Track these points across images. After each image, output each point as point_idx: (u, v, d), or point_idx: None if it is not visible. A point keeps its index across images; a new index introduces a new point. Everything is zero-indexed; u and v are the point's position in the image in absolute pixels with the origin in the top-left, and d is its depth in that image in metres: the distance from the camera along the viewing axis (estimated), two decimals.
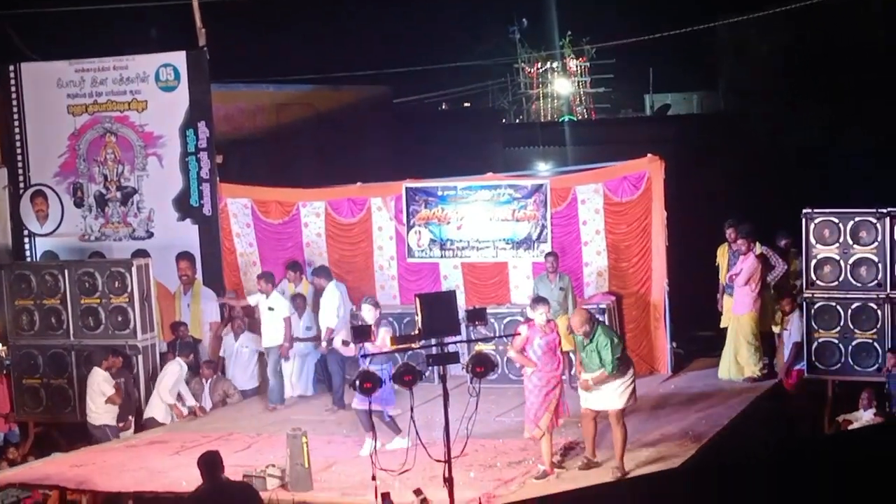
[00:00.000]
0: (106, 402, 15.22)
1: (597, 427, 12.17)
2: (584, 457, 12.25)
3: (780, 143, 21.43)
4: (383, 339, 12.88)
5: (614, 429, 11.96)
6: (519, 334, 12.12)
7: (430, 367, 12.85)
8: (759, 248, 15.43)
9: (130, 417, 15.50)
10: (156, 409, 15.55)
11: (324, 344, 15.57)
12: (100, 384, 15.20)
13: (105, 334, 16.01)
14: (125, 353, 15.68)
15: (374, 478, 10.75)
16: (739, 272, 15.35)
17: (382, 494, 10.23)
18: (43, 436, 16.30)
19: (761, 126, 20.40)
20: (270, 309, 15.92)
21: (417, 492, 10.84)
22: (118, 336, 15.94)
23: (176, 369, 15.58)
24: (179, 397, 15.69)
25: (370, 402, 11.91)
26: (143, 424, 15.48)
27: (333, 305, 15.55)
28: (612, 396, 11.93)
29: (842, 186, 17.84)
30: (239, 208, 17.94)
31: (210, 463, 9.78)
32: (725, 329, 15.65)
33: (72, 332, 16.17)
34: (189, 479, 12.10)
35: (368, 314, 13.54)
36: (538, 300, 12.31)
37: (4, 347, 16.86)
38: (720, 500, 6.48)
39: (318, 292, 16.07)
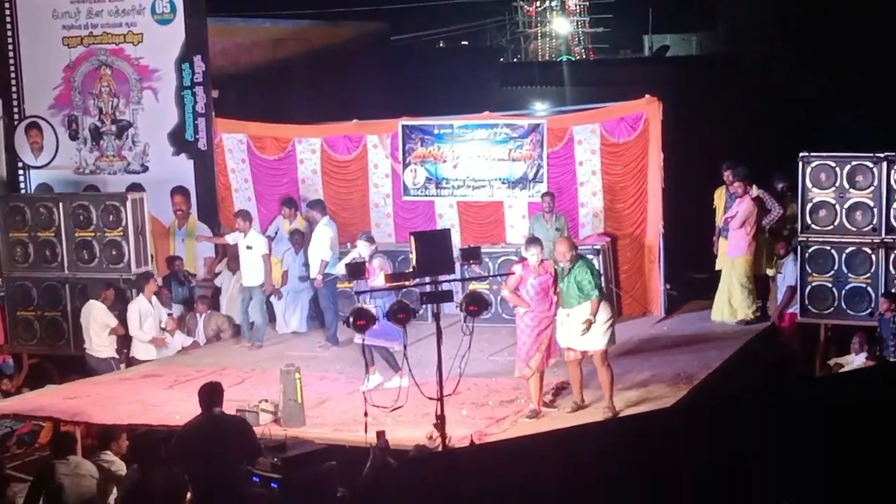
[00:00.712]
0: (110, 334, 15.24)
1: (582, 371, 12.17)
2: (572, 401, 12.24)
3: (779, 85, 21.31)
4: (380, 270, 12.88)
5: (600, 370, 11.97)
6: (513, 273, 12.10)
7: (423, 305, 12.86)
8: (755, 191, 15.40)
9: (124, 351, 15.52)
10: (134, 348, 15.49)
11: (319, 277, 15.54)
12: (102, 317, 15.20)
13: (99, 267, 16.00)
14: (118, 286, 15.66)
15: (365, 414, 10.79)
16: (735, 215, 15.32)
17: (378, 433, 10.26)
18: (37, 367, 16.33)
19: (760, 68, 20.30)
20: (248, 248, 15.81)
21: (430, 436, 10.88)
22: (112, 269, 15.92)
23: (134, 307, 15.32)
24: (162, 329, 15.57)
25: (375, 339, 12.03)
26: (129, 361, 15.47)
27: (327, 238, 15.52)
28: (594, 337, 11.91)
29: (841, 130, 17.76)
30: (234, 143, 17.87)
31: (209, 394, 9.85)
32: (719, 272, 15.65)
33: (66, 264, 16.15)
34: (182, 412, 12.15)
35: (364, 249, 13.52)
36: (532, 240, 12.25)
37: None
38: (711, 440, 6.48)
39: (311, 226, 16.04)
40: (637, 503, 6.20)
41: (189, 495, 9.81)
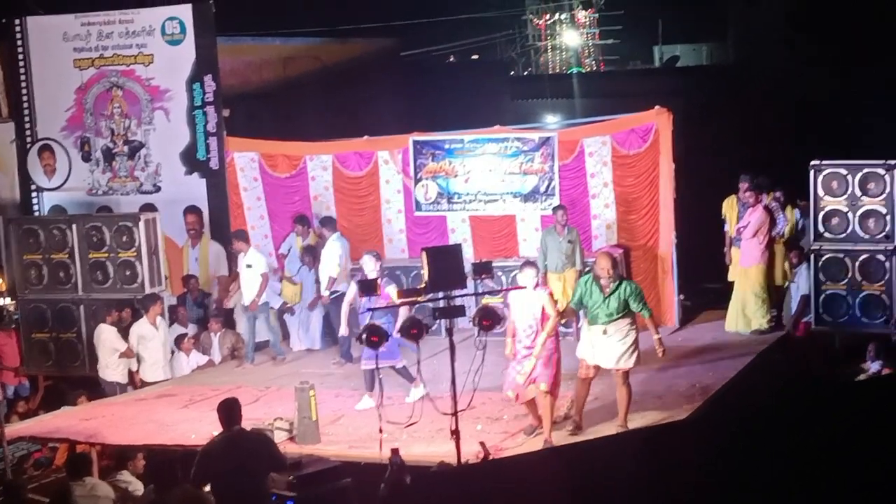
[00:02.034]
0: (120, 357, 15.27)
1: (588, 391, 12.05)
2: (572, 420, 12.00)
3: (789, 95, 21.28)
4: (387, 291, 12.90)
5: (620, 388, 11.84)
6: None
7: (436, 321, 12.87)
8: (767, 200, 15.40)
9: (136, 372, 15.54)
10: (142, 371, 15.46)
11: (325, 293, 15.56)
12: (111, 340, 15.24)
13: (113, 288, 16.02)
14: (134, 306, 15.69)
15: (381, 430, 10.79)
16: (747, 225, 15.32)
17: (392, 450, 10.25)
18: (52, 389, 16.37)
19: (770, 78, 20.25)
20: (248, 266, 15.89)
21: (483, 444, 10.91)
22: (126, 290, 15.94)
23: (134, 330, 15.31)
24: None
25: (377, 362, 12.01)
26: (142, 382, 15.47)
27: (336, 255, 15.57)
28: (624, 355, 11.77)
29: (852, 139, 17.72)
30: (246, 162, 17.91)
31: (229, 409, 9.83)
32: (733, 282, 15.62)
33: (80, 286, 16.18)
34: (198, 432, 12.18)
35: (369, 265, 13.50)
36: (526, 264, 12.00)
37: (13, 302, 16.90)
38: (727, 451, 6.46)
39: (322, 243, 16.07)
40: None
41: None
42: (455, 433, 10.39)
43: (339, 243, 15.74)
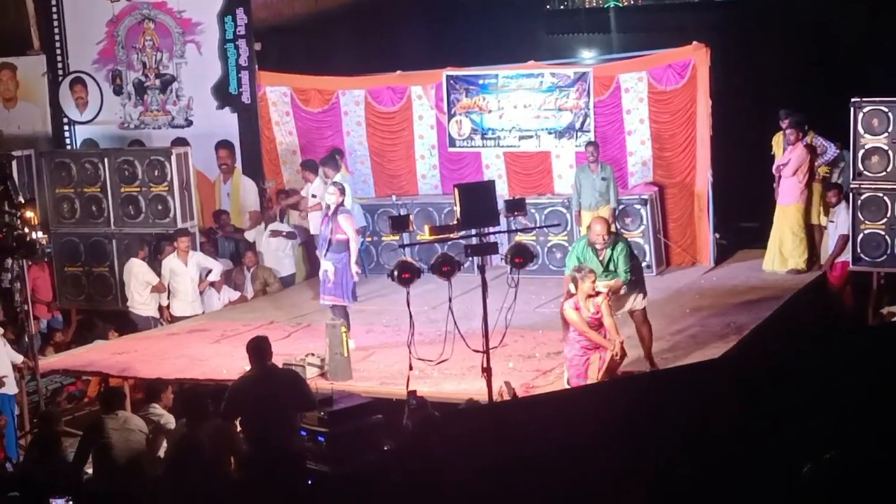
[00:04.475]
0: (152, 292, 15.38)
1: None
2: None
3: (832, 28, 20.94)
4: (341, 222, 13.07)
5: (640, 328, 11.77)
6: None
7: (468, 258, 12.87)
8: (809, 138, 15.27)
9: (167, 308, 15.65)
10: (172, 305, 15.59)
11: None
12: (143, 274, 15.34)
13: (145, 222, 16.12)
14: (168, 239, 15.70)
15: (410, 367, 10.83)
16: (787, 162, 15.21)
17: (409, 392, 10.29)
18: (85, 323, 16.53)
19: (812, 10, 19.91)
20: (313, 196, 15.96)
21: (507, 384, 10.93)
22: (158, 224, 16.04)
23: (165, 264, 15.45)
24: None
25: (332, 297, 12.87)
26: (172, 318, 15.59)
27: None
28: (631, 298, 11.76)
29: (893, 76, 17.46)
30: (278, 96, 17.88)
31: (259, 348, 9.88)
32: (770, 220, 15.52)
33: (112, 220, 16.28)
34: (229, 367, 12.30)
35: (329, 198, 13.36)
36: (578, 270, 11.29)
37: (45, 235, 16.96)
38: (761, 390, 6.47)
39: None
40: (686, 454, 6.21)
41: (240, 451, 9.88)
42: (486, 371, 10.43)
43: (344, 183, 15.57)
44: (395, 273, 10.82)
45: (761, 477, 6.16)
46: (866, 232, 14.84)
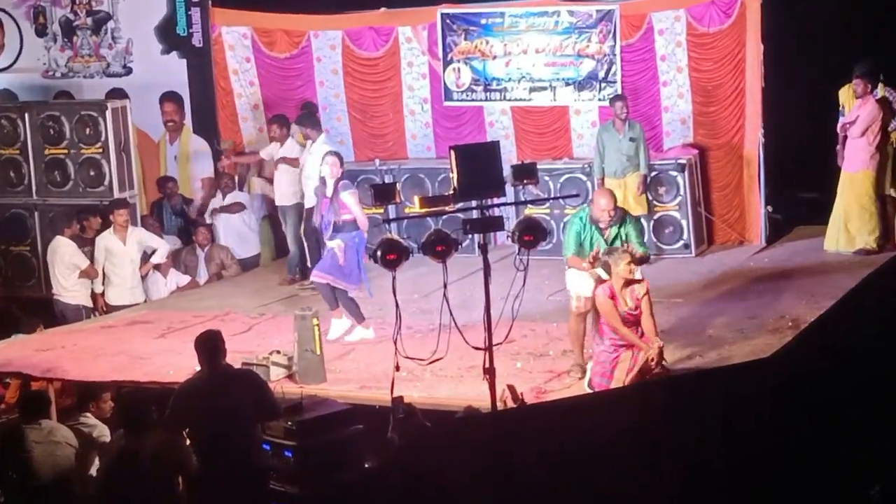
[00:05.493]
0: (79, 277, 15.40)
1: (586, 327, 11.97)
2: (576, 365, 11.97)
3: None
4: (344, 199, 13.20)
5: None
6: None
7: (467, 235, 12.90)
8: (881, 91, 15.27)
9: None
10: (107, 293, 15.66)
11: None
12: (70, 255, 15.33)
13: (74, 192, 16.15)
14: (104, 212, 15.72)
15: (397, 368, 10.82)
16: (855, 120, 15.21)
17: (394, 398, 10.30)
18: (3, 312, 16.51)
19: None
20: (281, 161, 15.94)
21: (511, 388, 10.93)
22: (90, 194, 16.07)
23: (100, 243, 15.50)
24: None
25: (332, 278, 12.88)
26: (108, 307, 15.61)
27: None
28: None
29: None
30: (236, 39, 17.90)
31: (210, 345, 9.89)
32: (834, 190, 15.54)
33: (34, 188, 16.30)
34: (177, 366, 12.31)
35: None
36: (609, 253, 11.41)
37: None
38: (821, 397, 6.51)
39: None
40: (730, 479, 6.25)
41: (189, 468, 9.91)
42: (489, 372, 10.44)
43: (329, 146, 15.59)
44: (379, 253, 10.79)
45: (822, 501, 6.21)
46: None
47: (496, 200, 11.08)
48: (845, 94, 15.59)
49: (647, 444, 6.27)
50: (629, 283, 11.16)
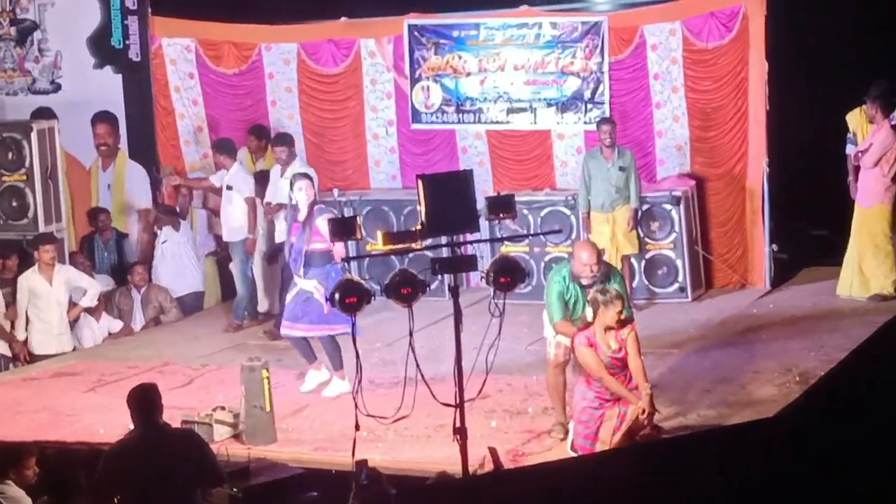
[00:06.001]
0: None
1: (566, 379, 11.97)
2: (558, 424, 11.95)
3: None
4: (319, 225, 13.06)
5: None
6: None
7: (436, 276, 12.88)
8: None
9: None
10: (30, 340, 15.57)
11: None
12: None
13: None
14: (23, 250, 15.69)
15: (357, 427, 10.78)
16: (867, 148, 15.25)
17: (357, 463, 10.24)
18: None
19: None
20: (229, 188, 15.93)
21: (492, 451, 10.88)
22: (12, 227, 16.02)
23: (22, 284, 15.43)
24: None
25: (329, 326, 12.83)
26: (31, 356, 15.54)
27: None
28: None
29: None
30: (179, 52, 17.92)
31: (144, 400, 9.81)
32: (847, 227, 15.57)
33: None
34: (108, 424, 12.28)
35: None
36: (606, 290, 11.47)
37: None
38: (830, 458, 6.52)
39: (283, 169, 15.86)
40: None
41: None
42: (460, 432, 10.42)
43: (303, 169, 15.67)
44: (337, 296, 10.77)
45: None
46: None
47: (469, 237, 11.10)
48: (856, 119, 15.62)
49: None
50: (611, 327, 11.14)
